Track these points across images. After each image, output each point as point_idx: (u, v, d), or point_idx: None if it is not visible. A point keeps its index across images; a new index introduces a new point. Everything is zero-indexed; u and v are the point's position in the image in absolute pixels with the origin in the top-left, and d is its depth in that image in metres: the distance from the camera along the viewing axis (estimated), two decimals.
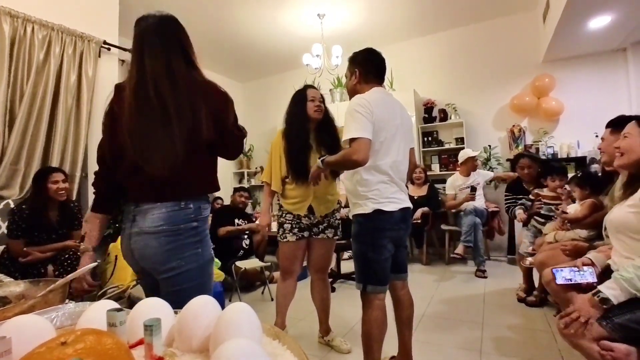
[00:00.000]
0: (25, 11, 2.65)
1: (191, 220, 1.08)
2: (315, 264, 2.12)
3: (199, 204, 1.11)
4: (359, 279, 1.61)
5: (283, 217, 2.05)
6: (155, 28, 1.14)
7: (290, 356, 0.47)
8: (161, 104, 1.04)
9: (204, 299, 0.54)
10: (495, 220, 3.98)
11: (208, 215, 1.17)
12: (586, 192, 2.27)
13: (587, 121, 4.08)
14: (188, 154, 1.04)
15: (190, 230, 1.08)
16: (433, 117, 4.92)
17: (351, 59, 1.72)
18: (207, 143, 1.10)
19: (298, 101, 2.05)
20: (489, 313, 2.52)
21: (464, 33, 4.84)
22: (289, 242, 2.02)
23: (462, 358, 1.92)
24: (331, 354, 2.06)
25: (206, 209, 1.15)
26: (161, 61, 1.08)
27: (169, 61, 1.09)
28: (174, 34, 1.16)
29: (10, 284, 0.92)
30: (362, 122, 1.48)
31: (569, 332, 1.23)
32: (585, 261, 1.55)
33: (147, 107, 1.04)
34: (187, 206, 1.08)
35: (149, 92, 1.04)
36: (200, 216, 1.11)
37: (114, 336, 0.42)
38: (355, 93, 1.64)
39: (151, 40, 1.11)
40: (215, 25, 4.45)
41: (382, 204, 1.54)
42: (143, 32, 1.14)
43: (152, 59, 1.08)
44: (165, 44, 1.11)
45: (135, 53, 1.13)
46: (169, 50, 1.11)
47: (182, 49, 1.15)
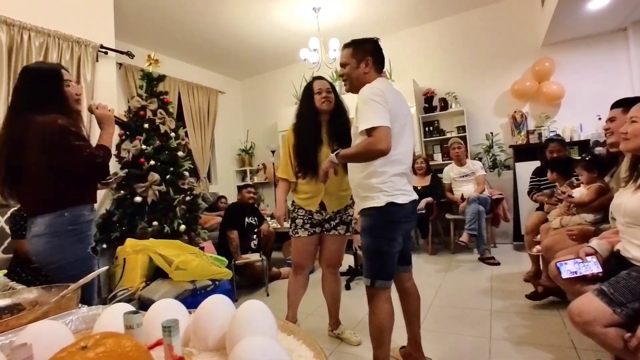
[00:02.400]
0: (21, 19, 2.65)
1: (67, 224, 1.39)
2: (327, 259, 2.12)
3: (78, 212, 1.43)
4: (368, 274, 1.58)
5: (295, 212, 2.04)
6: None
7: (306, 350, 0.47)
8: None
9: (217, 298, 0.54)
10: (500, 207, 3.97)
11: (89, 219, 1.46)
12: (594, 176, 2.25)
13: (589, 104, 4.05)
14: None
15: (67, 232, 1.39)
16: (433, 107, 4.89)
17: (358, 46, 1.64)
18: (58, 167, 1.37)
19: (306, 95, 2.03)
20: (497, 300, 2.53)
21: (461, 20, 4.79)
22: (300, 237, 2.02)
23: (472, 345, 1.93)
24: (341, 346, 2.08)
25: (87, 214, 1.46)
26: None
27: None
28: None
29: (23, 291, 0.93)
30: (380, 110, 1.44)
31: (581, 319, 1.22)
32: (588, 251, 1.53)
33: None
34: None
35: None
36: (79, 220, 1.42)
37: (132, 338, 0.42)
38: (362, 82, 1.58)
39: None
40: (209, 24, 4.42)
41: (395, 197, 1.51)
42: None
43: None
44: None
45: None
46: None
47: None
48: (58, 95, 1.46)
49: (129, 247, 2.65)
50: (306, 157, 1.96)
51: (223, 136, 6.16)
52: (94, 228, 1.50)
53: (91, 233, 1.48)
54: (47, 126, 1.35)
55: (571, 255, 1.61)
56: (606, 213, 2.15)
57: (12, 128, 1.42)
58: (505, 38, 4.55)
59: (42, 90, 1.44)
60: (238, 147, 6.45)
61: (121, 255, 2.68)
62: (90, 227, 1.47)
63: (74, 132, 1.39)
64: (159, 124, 3.13)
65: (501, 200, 3.99)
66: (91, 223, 1.47)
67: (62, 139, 1.35)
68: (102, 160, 1.43)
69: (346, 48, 1.66)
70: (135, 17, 4.06)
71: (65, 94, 1.48)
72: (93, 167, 1.41)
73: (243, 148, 6.42)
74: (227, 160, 6.32)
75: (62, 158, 1.37)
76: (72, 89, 1.51)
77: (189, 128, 5.33)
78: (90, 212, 1.47)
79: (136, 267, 2.57)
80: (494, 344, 1.92)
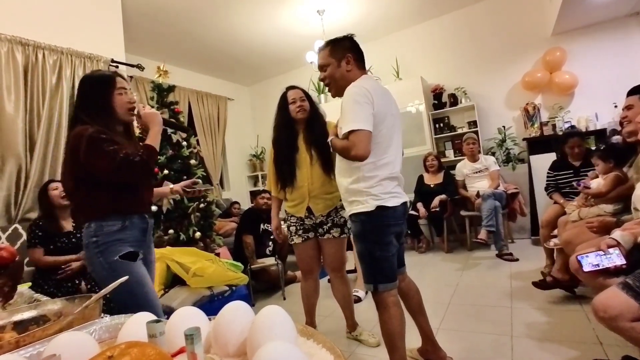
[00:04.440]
0: (35, 38, 2.73)
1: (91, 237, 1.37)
2: (329, 263, 2.10)
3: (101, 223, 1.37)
4: (368, 280, 1.53)
5: (288, 220, 2.08)
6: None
7: (326, 354, 0.47)
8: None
9: (236, 304, 0.55)
10: (516, 201, 3.90)
11: (116, 229, 1.39)
12: (610, 165, 2.19)
13: (604, 92, 3.95)
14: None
15: (92, 244, 1.36)
16: (443, 103, 4.85)
17: (335, 45, 1.56)
18: (84, 178, 1.35)
19: (280, 106, 2.04)
20: (517, 296, 2.48)
21: (468, 13, 4.74)
22: (296, 244, 2.06)
23: (494, 344, 1.90)
24: (360, 348, 2.07)
25: (112, 225, 1.38)
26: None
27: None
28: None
29: (47, 303, 0.95)
30: (363, 112, 1.38)
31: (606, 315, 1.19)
32: (610, 242, 1.49)
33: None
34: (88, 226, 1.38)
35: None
36: (100, 232, 1.37)
37: (156, 347, 0.43)
38: (347, 81, 1.52)
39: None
40: (216, 33, 4.48)
41: (384, 200, 1.46)
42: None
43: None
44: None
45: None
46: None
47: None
48: (104, 104, 1.41)
49: None
50: (285, 167, 1.98)
51: (234, 142, 6.23)
52: (131, 236, 1.42)
53: (122, 241, 1.39)
54: (75, 137, 1.33)
55: (592, 248, 1.58)
56: (627, 203, 2.09)
57: (66, 141, 1.45)
58: (513, 29, 4.47)
59: (90, 99, 1.41)
60: (249, 152, 6.50)
61: None
62: (116, 237, 1.38)
63: (106, 139, 1.33)
64: (171, 133, 3.18)
65: (517, 195, 3.91)
66: (118, 233, 1.39)
67: (92, 147, 1.30)
68: (140, 158, 1.34)
69: (322, 49, 1.59)
70: (143, 31, 4.15)
71: (113, 102, 1.42)
72: (131, 167, 1.32)
73: (254, 153, 6.47)
74: (239, 166, 6.38)
75: (93, 167, 1.32)
76: (125, 97, 1.45)
77: (200, 136, 5.40)
78: (117, 223, 1.39)
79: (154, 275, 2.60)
80: (516, 341, 1.88)
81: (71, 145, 1.34)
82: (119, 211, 1.40)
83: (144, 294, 1.38)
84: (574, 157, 3.02)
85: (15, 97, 2.62)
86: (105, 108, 1.41)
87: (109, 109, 1.41)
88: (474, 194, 3.83)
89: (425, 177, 4.26)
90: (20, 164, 2.64)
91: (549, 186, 3.12)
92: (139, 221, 1.46)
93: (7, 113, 2.58)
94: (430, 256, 4.00)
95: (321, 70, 1.61)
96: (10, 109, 2.59)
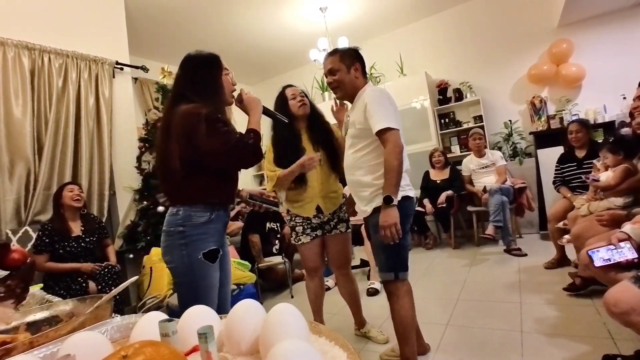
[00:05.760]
0: (41, 43, 2.75)
1: (178, 225, 1.30)
2: (335, 260, 2.08)
3: (189, 212, 1.31)
4: (387, 269, 1.59)
5: (293, 221, 2.01)
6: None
7: (339, 351, 0.47)
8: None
9: (248, 303, 0.55)
10: (524, 196, 3.86)
11: (203, 221, 1.32)
12: (619, 158, 2.16)
13: (612, 83, 3.89)
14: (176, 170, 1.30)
15: (177, 233, 1.30)
16: (448, 98, 4.81)
17: (344, 53, 1.70)
18: (189, 160, 1.29)
19: (279, 104, 1.97)
20: (526, 292, 2.46)
21: (472, 7, 4.69)
22: (304, 243, 2.00)
23: (503, 340, 1.89)
24: (369, 345, 2.07)
25: (200, 216, 1.32)
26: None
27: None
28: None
29: (59, 304, 0.96)
30: (393, 112, 1.52)
31: (618, 309, 1.18)
32: (621, 236, 1.47)
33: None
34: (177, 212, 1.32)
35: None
36: (188, 222, 1.30)
37: (169, 346, 0.43)
38: (355, 87, 1.68)
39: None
40: (218, 33, 4.48)
41: (406, 191, 1.59)
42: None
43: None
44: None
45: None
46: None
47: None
48: (214, 84, 1.38)
49: (155, 255, 2.73)
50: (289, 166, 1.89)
51: None
52: (214, 230, 1.35)
53: (207, 235, 1.32)
54: (190, 115, 1.26)
55: (603, 242, 1.56)
56: (637, 196, 2.07)
57: (165, 120, 1.37)
58: (518, 21, 4.42)
59: (199, 78, 1.36)
60: None
61: (148, 264, 2.76)
62: (203, 230, 1.32)
63: (221, 119, 1.30)
64: None
65: (524, 189, 3.88)
66: (205, 226, 1.32)
67: (209, 127, 1.25)
68: (254, 141, 1.32)
69: (332, 55, 1.70)
70: (147, 33, 4.17)
71: (222, 83, 1.40)
72: (245, 149, 1.30)
73: None
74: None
75: (207, 147, 1.25)
76: (229, 79, 1.44)
77: None
78: (206, 214, 1.32)
79: (163, 275, 2.63)
80: (526, 337, 1.87)
81: (182, 123, 1.27)
82: (209, 202, 1.34)
83: (211, 299, 1.33)
84: (575, 143, 2.99)
85: (22, 101, 2.65)
86: (216, 88, 1.38)
87: (219, 90, 1.39)
88: (480, 190, 3.81)
89: (432, 173, 4.24)
90: (29, 167, 2.67)
91: (556, 180, 3.11)
92: (223, 214, 1.40)
93: (15, 117, 2.61)
94: (438, 252, 3.98)
95: (330, 74, 1.71)
96: (18, 113, 2.62)
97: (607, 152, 2.24)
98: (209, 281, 1.33)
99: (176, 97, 1.37)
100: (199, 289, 1.31)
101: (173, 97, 1.39)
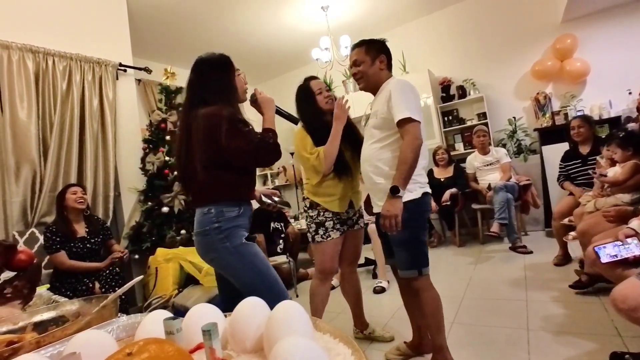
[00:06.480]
0: (45, 46, 2.77)
1: (213, 223, 1.34)
2: (350, 256, 2.03)
3: (221, 208, 1.35)
4: (412, 266, 1.56)
5: (322, 216, 1.87)
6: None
7: (343, 348, 0.47)
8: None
9: (252, 300, 0.55)
10: (529, 193, 3.84)
11: (234, 215, 1.37)
12: (629, 153, 2.14)
13: (617, 78, 3.86)
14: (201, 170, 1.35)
15: (214, 230, 1.34)
16: (451, 96, 4.79)
17: (370, 44, 1.67)
18: (213, 160, 1.33)
19: (305, 97, 1.92)
20: (532, 289, 2.45)
21: (473, 3, 4.66)
22: (333, 239, 1.86)
23: (509, 338, 1.87)
24: (374, 344, 2.06)
25: (231, 211, 1.36)
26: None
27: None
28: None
29: (65, 304, 0.97)
30: (416, 104, 1.51)
31: (626, 305, 1.17)
32: (628, 232, 1.46)
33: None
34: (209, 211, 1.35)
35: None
36: (222, 218, 1.34)
37: (173, 344, 0.44)
38: (379, 79, 1.66)
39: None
40: (221, 33, 4.50)
41: (425, 187, 1.58)
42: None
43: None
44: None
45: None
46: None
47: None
48: (229, 86, 1.42)
49: (160, 256, 2.74)
50: (338, 158, 1.81)
51: None
52: (244, 223, 1.40)
53: (240, 227, 1.38)
54: (212, 117, 1.30)
55: (609, 238, 1.54)
56: None
57: (185, 123, 1.41)
58: (521, 17, 4.38)
59: (213, 80, 1.40)
60: None
61: (153, 264, 2.78)
62: (236, 223, 1.37)
63: (242, 120, 1.35)
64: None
65: (529, 186, 3.85)
66: (236, 219, 1.37)
67: (232, 128, 1.29)
68: (273, 140, 1.38)
69: (358, 47, 1.69)
70: (150, 34, 4.19)
71: (236, 84, 1.44)
72: (267, 148, 1.35)
73: None
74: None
75: (232, 148, 1.30)
76: (241, 79, 1.47)
77: None
78: (235, 209, 1.37)
79: (168, 275, 2.65)
80: (532, 335, 1.86)
81: (205, 125, 1.31)
82: (236, 198, 1.40)
83: (273, 274, 1.39)
84: (577, 138, 2.98)
85: (27, 103, 2.67)
86: (231, 89, 1.42)
87: (234, 90, 1.43)
88: (485, 187, 3.79)
89: (435, 171, 4.23)
90: (35, 170, 2.69)
91: (560, 177, 3.10)
92: (248, 208, 1.45)
93: (21, 120, 2.63)
94: (442, 250, 3.96)
95: (354, 65, 1.70)
96: (23, 116, 2.64)
97: (616, 148, 2.21)
98: (261, 255, 1.40)
99: (193, 100, 1.41)
100: (257, 264, 1.36)
101: (190, 100, 1.43)
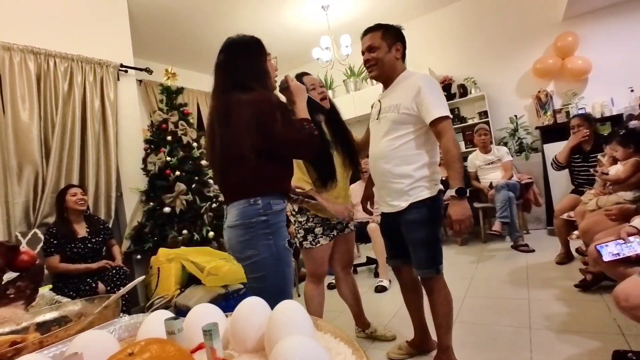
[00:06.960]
0: (46, 47, 2.78)
1: (260, 215, 1.23)
2: (343, 260, 2.02)
3: (268, 200, 1.25)
4: (430, 264, 1.54)
5: (311, 222, 1.82)
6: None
7: (344, 347, 0.47)
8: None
9: (253, 300, 0.55)
10: (531, 191, 3.83)
11: (280, 209, 1.28)
12: (630, 151, 2.13)
13: (619, 76, 3.84)
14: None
15: (260, 223, 1.23)
16: (452, 94, 4.77)
17: (387, 30, 1.56)
18: (259, 148, 1.22)
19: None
20: (534, 288, 2.44)
21: (474, 2, 4.65)
22: (322, 245, 1.83)
23: (512, 336, 1.87)
24: (375, 343, 2.07)
25: (278, 204, 1.27)
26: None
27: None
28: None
29: (68, 304, 0.97)
30: (445, 102, 1.50)
31: (628, 304, 1.16)
32: (630, 230, 1.46)
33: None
34: (255, 202, 1.24)
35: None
36: (269, 210, 1.24)
37: (175, 344, 0.44)
38: (394, 68, 1.58)
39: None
40: (221, 33, 4.41)
41: (439, 185, 1.57)
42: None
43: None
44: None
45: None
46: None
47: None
48: (264, 70, 1.33)
49: (162, 256, 2.75)
50: (323, 165, 1.74)
51: None
52: (283, 216, 1.31)
53: (284, 225, 1.30)
54: (261, 104, 1.21)
55: (612, 236, 1.54)
56: None
57: (218, 110, 1.29)
58: (522, 15, 4.37)
59: (247, 64, 1.30)
60: None
61: (155, 264, 2.78)
62: (281, 218, 1.28)
63: (289, 109, 1.27)
64: (181, 135, 3.22)
65: (531, 185, 3.84)
66: (281, 214, 1.28)
67: (284, 116, 1.22)
68: (316, 132, 1.31)
69: (374, 31, 1.57)
70: (150, 35, 4.19)
71: (268, 69, 1.35)
72: (313, 139, 1.28)
73: None
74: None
75: (283, 136, 1.21)
76: (272, 65, 1.39)
77: None
78: (281, 202, 1.30)
79: (170, 275, 2.65)
80: (535, 333, 1.86)
81: (254, 111, 1.21)
82: (283, 190, 1.32)
83: (291, 292, 1.35)
84: (578, 137, 2.96)
85: (29, 105, 2.68)
86: (265, 74, 1.33)
87: (268, 75, 1.34)
88: (486, 186, 3.78)
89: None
90: (37, 171, 2.70)
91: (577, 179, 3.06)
92: (286, 202, 1.37)
93: (22, 121, 2.64)
94: (444, 249, 3.89)
95: (368, 51, 1.58)
96: (25, 117, 2.65)
97: (617, 145, 2.21)
98: (291, 268, 1.33)
99: (225, 83, 1.30)
100: (285, 276, 1.28)
101: (221, 84, 1.31)
